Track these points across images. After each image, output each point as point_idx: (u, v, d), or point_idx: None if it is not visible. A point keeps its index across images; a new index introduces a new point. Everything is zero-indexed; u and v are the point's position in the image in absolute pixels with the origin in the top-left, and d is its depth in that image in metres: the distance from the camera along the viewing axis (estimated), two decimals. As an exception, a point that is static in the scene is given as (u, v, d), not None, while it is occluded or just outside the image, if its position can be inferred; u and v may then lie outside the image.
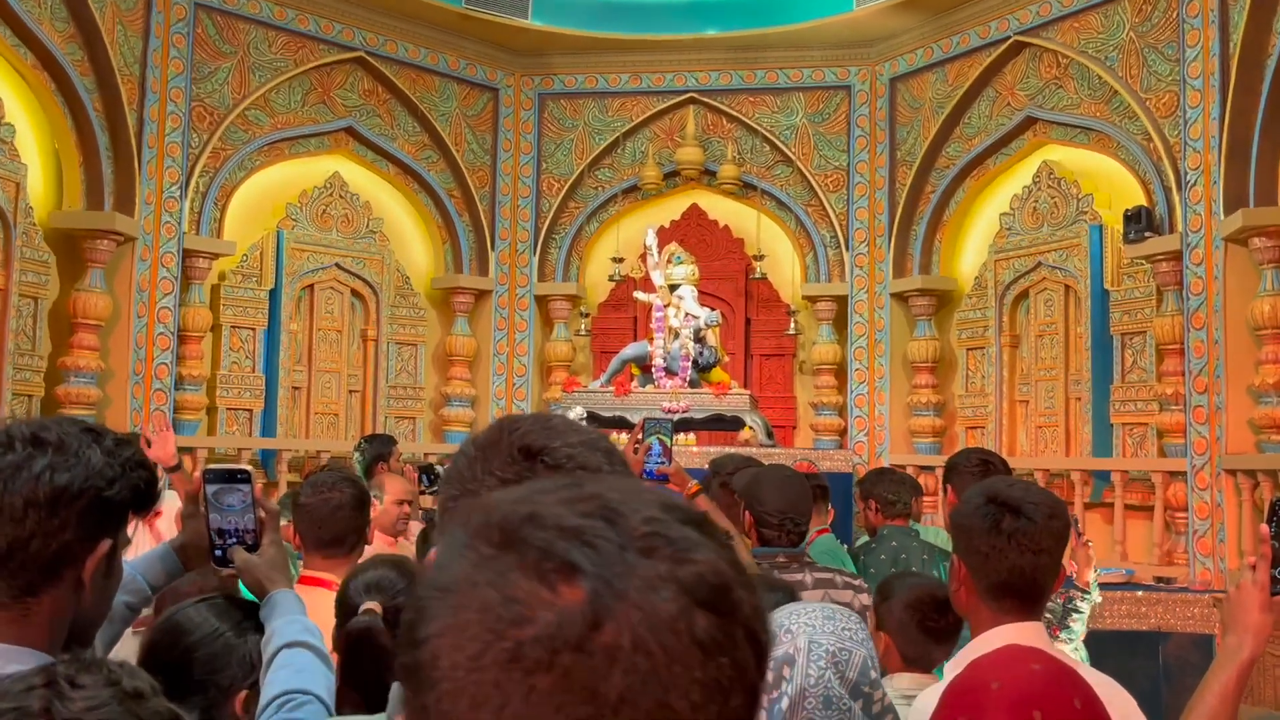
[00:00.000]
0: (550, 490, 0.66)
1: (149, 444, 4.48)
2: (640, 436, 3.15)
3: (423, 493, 5.56)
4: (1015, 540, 1.94)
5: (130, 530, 1.40)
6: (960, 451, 3.77)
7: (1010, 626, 1.91)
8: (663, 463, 3.19)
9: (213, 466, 1.88)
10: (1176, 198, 7.14)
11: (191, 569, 1.82)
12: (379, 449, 5.58)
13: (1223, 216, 6.72)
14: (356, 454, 5.62)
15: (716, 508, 3.35)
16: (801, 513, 3.18)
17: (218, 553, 1.78)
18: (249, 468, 1.90)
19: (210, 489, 1.78)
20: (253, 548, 1.77)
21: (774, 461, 8.07)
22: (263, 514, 1.79)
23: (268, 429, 8.53)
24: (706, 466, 4.36)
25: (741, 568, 0.65)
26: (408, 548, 4.12)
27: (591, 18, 9.25)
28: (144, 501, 1.36)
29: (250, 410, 8.46)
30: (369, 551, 2.86)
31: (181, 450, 8.04)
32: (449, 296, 9.59)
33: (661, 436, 3.22)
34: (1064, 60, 8.00)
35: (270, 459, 8.49)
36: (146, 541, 4.39)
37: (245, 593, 1.88)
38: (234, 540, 1.77)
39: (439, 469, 5.86)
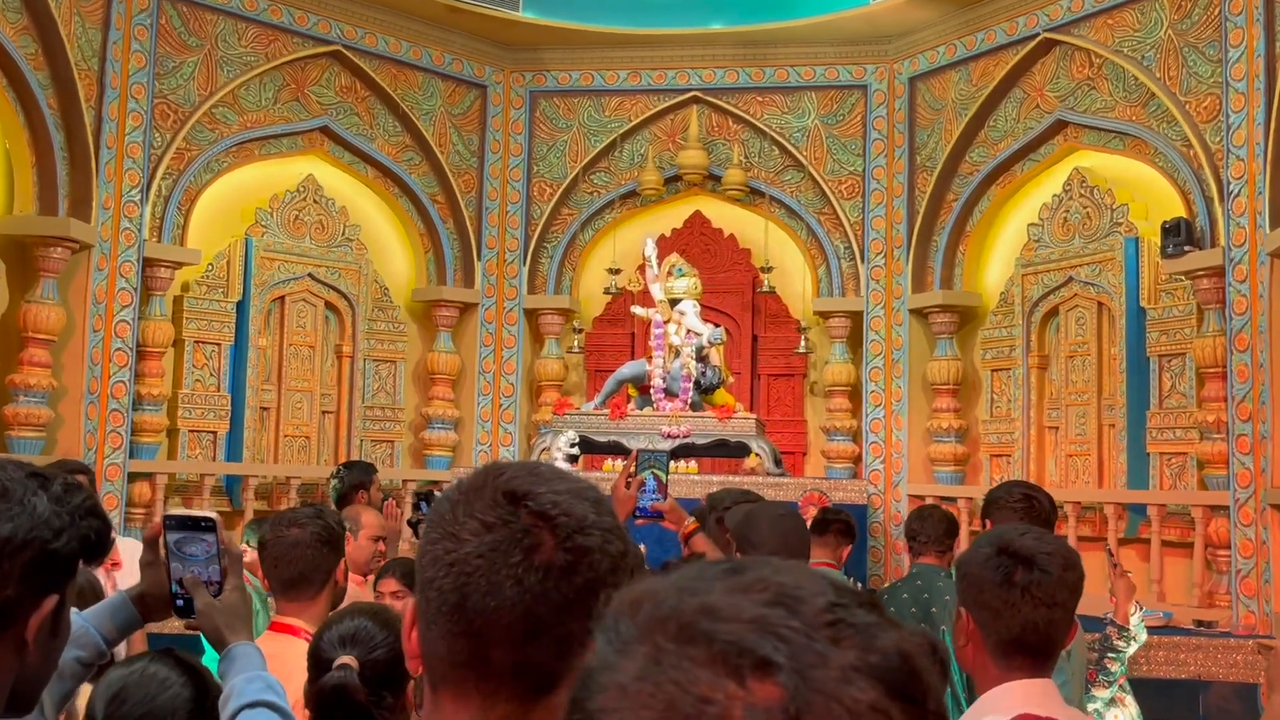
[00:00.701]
0: (711, 576, 0.68)
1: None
2: (633, 470, 3.18)
3: (419, 521, 5.56)
4: (1029, 594, 1.94)
5: (106, 583, 1.38)
6: (1001, 485, 3.73)
7: (1020, 684, 1.91)
8: (657, 499, 3.23)
9: (174, 512, 1.82)
10: (1218, 209, 7.11)
11: (151, 620, 1.80)
12: (358, 477, 5.54)
13: (1268, 230, 6.69)
14: (334, 481, 5.59)
15: (714, 545, 3.37)
16: (796, 553, 3.20)
17: (179, 603, 1.76)
18: (214, 514, 1.88)
19: (171, 537, 1.76)
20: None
21: (782, 490, 7.97)
22: (226, 562, 1.78)
23: (233, 453, 8.49)
24: (704, 499, 4.37)
25: (923, 648, 0.67)
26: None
27: (587, 10, 9.24)
28: (94, 552, 1.34)
29: (214, 432, 8.43)
30: (351, 595, 2.88)
31: (139, 476, 8.09)
32: (431, 310, 9.54)
33: (656, 471, 3.26)
34: (1097, 59, 7.97)
35: (236, 485, 8.47)
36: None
37: (206, 644, 1.87)
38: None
39: (437, 493, 5.86)
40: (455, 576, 1.03)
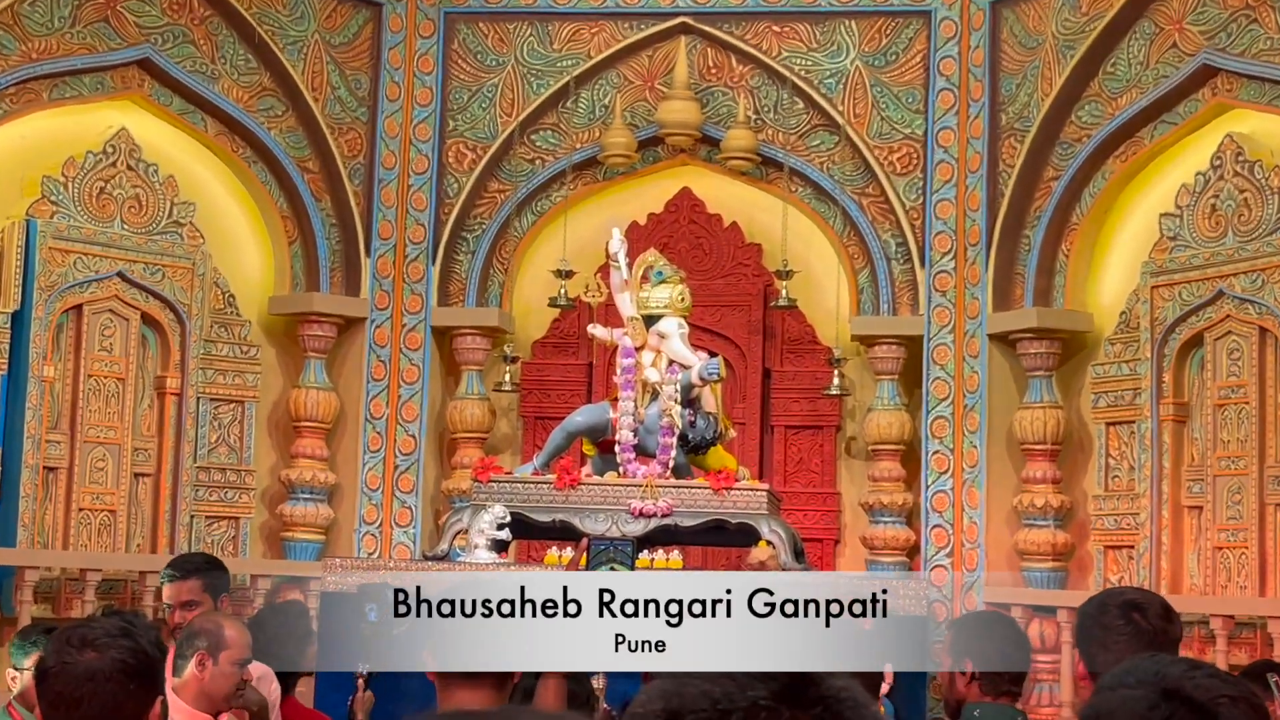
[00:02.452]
0: None
1: None
2: (583, 566, 3.03)
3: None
4: None
5: None
6: (1095, 598, 3.66)
7: None
8: None
9: None
10: None
11: None
12: (213, 579, 5.40)
13: None
14: (166, 583, 5.47)
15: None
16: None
17: None
18: None
19: None
20: None
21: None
22: None
23: (3, 534, 8.32)
24: None
25: None
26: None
27: (529, -105, 9.38)
28: None
29: (-30, 504, 8.28)
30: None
31: None
32: (297, 327, 9.42)
33: (617, 567, 3.15)
34: (1261, -19, 7.97)
35: (6, 582, 8.25)
36: None
37: None
38: None
39: (388, 594, 5.75)
40: None
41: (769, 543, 7.82)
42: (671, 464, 7.97)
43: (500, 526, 7.68)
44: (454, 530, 8.02)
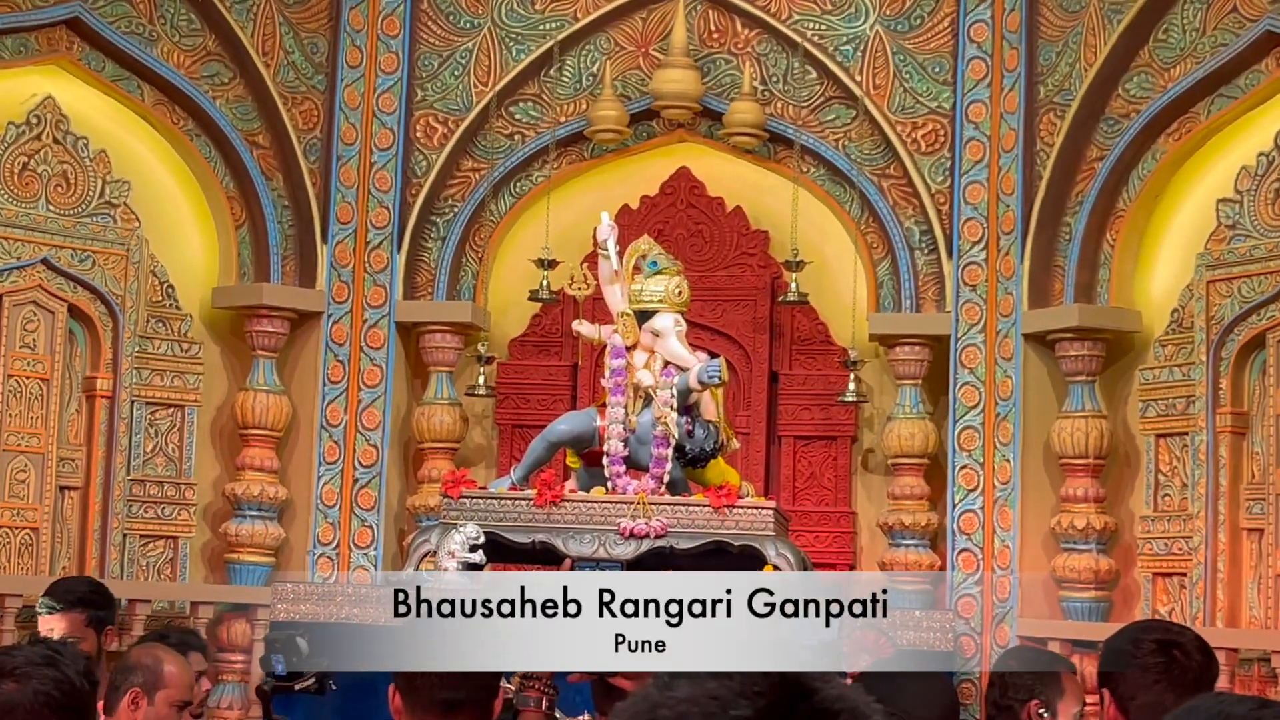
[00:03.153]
0: None
1: None
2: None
3: (278, 689, 5.46)
4: None
5: None
6: (1126, 632, 3.87)
7: None
8: None
9: None
10: None
11: None
12: (97, 611, 5.44)
13: None
14: (43, 614, 5.44)
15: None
16: None
17: None
18: None
19: None
20: None
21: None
22: None
23: (-92, 553, 8.39)
24: None
25: None
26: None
27: None
28: None
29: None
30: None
31: None
32: (243, 322, 9.40)
33: None
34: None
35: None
36: None
37: None
38: None
39: (302, 643, 5.81)
40: None
41: (776, 567, 7.84)
42: (666, 478, 7.78)
43: (473, 548, 7.55)
44: (420, 552, 7.90)
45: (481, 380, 9.39)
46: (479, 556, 7.75)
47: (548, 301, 9.29)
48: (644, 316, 8.16)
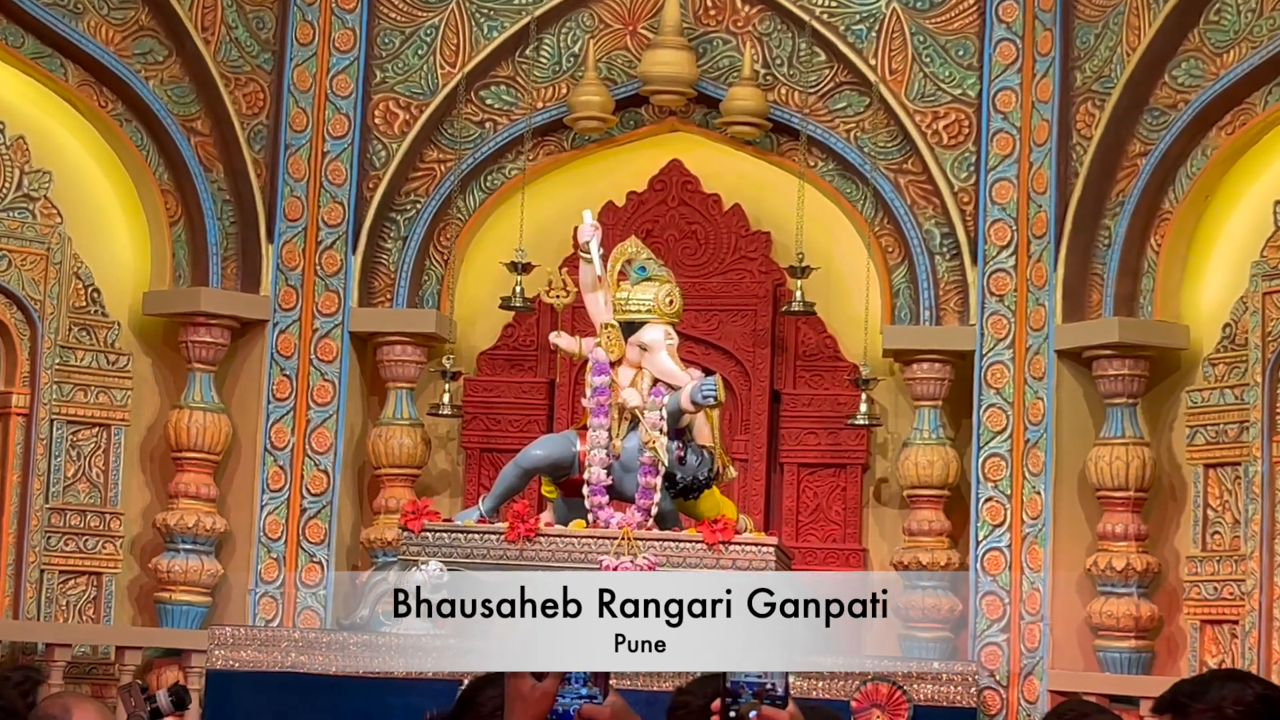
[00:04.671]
0: None
1: None
2: None
3: None
4: None
5: None
6: (1210, 684, 3.68)
7: None
8: (592, 696, 3.28)
9: None
10: None
11: None
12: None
13: None
14: None
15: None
16: None
17: None
18: None
19: None
20: None
21: (824, 682, 7.70)
22: None
23: None
24: (675, 697, 4.28)
25: None
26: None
27: None
28: None
29: None
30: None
31: None
32: (178, 331, 9.34)
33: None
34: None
35: None
36: None
37: None
38: None
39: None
40: None
41: None
42: (655, 511, 7.88)
43: (437, 585, 7.56)
44: (377, 592, 7.91)
45: (446, 398, 9.27)
46: (444, 595, 7.49)
47: (522, 310, 9.20)
48: (630, 328, 8.15)
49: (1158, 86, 8.73)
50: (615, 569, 7.71)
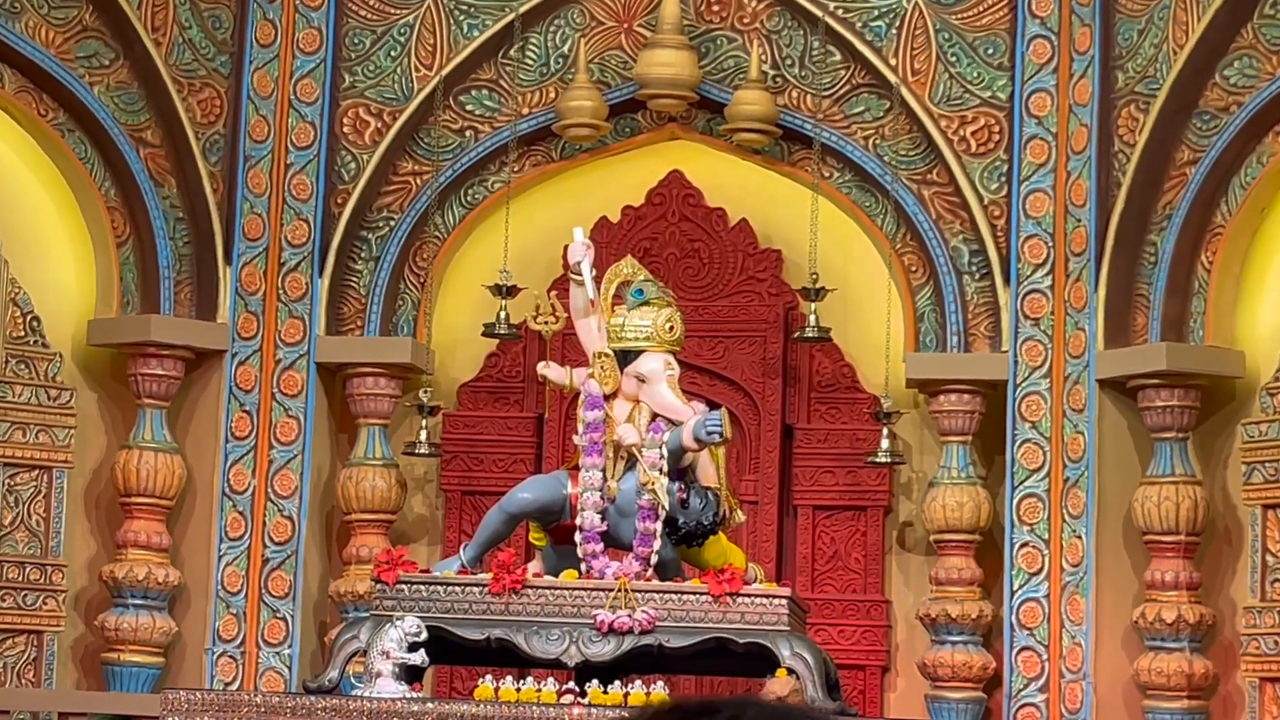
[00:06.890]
0: None
1: None
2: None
3: None
4: None
5: None
6: None
7: None
8: None
9: None
10: None
11: None
12: None
13: None
14: None
15: None
16: None
17: None
18: None
19: None
20: None
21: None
22: None
23: None
24: None
25: None
26: None
27: None
28: None
29: None
30: None
31: None
32: (127, 363, 9.44)
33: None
34: None
35: None
36: None
37: None
38: None
39: None
40: None
41: (790, 671, 7.67)
42: (654, 560, 7.83)
43: (412, 647, 7.57)
44: (347, 651, 7.89)
45: (423, 436, 9.37)
46: (419, 657, 7.55)
47: (506, 338, 9.36)
48: (627, 357, 8.07)
49: (1208, 88, 8.85)
50: (611, 624, 7.65)
